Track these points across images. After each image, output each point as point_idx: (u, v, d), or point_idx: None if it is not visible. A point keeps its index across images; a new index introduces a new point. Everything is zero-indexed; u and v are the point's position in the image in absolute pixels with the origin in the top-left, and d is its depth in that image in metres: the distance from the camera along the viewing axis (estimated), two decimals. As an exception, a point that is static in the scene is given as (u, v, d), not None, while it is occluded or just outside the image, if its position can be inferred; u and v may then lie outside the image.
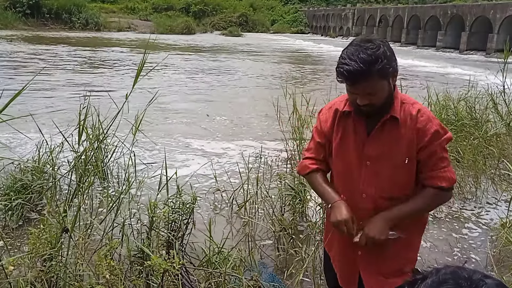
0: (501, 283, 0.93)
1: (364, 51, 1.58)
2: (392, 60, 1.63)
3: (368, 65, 1.57)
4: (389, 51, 1.63)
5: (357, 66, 1.57)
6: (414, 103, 1.77)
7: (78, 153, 2.69)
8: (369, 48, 1.59)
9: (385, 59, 1.59)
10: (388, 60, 1.60)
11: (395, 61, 1.65)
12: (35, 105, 8.68)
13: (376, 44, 1.61)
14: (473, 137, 4.82)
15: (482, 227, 3.83)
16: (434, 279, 0.95)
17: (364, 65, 1.57)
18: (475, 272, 0.94)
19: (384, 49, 1.61)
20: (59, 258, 2.24)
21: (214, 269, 2.50)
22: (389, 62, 1.61)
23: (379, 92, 1.65)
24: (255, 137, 7.00)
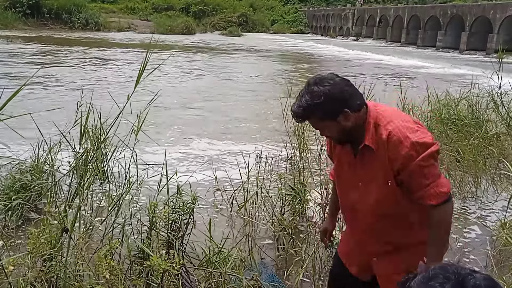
0: (490, 277, 0.95)
1: (306, 95, 1.71)
2: (337, 103, 1.69)
3: (304, 110, 1.71)
4: (336, 95, 1.69)
5: (297, 109, 1.73)
6: (388, 122, 1.73)
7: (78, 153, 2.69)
8: (313, 92, 1.69)
9: (325, 104, 1.68)
10: (330, 105, 1.69)
11: (345, 103, 1.70)
12: (35, 105, 8.68)
13: (321, 89, 1.69)
14: (473, 137, 4.82)
15: (482, 227, 3.83)
16: (424, 275, 0.98)
17: (302, 109, 1.72)
18: (464, 268, 0.96)
19: (330, 93, 1.68)
20: (59, 258, 2.24)
21: (214, 269, 2.50)
22: (331, 107, 1.69)
23: (326, 130, 1.79)
24: (255, 137, 7.00)
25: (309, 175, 4.28)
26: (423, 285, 0.96)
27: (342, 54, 26.98)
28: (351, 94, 1.72)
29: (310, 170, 4.62)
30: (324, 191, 3.55)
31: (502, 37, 25.30)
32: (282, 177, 3.86)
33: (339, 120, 1.72)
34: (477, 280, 0.92)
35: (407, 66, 20.38)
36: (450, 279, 0.93)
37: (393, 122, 1.72)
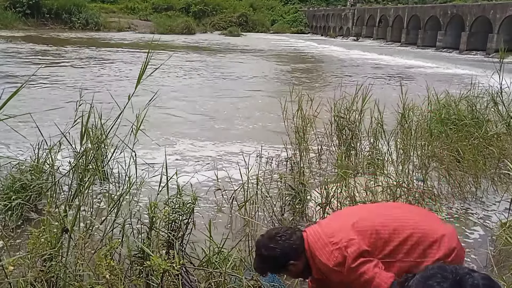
0: (488, 276, 0.95)
1: (257, 258, 2.17)
2: (282, 261, 2.08)
3: (260, 270, 2.23)
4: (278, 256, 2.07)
5: (255, 269, 2.25)
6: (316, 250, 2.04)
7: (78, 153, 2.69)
8: (261, 256, 2.13)
9: (276, 264, 2.12)
10: (277, 264, 2.11)
11: (288, 258, 2.07)
12: (34, 105, 8.68)
13: (268, 253, 2.10)
14: (473, 137, 4.81)
15: (482, 227, 3.83)
16: (423, 274, 0.98)
17: (258, 270, 2.23)
18: (462, 267, 0.97)
19: (274, 256, 2.08)
20: (59, 258, 2.24)
21: (214, 269, 2.50)
22: (279, 265, 2.11)
23: (286, 275, 2.26)
24: (255, 137, 7.00)
25: (309, 175, 4.27)
26: (422, 284, 0.96)
27: (342, 54, 26.97)
28: (291, 247, 2.07)
29: (310, 170, 4.62)
30: (324, 191, 3.55)
31: (502, 37, 25.28)
32: (282, 177, 3.85)
33: (290, 268, 2.11)
34: (475, 280, 0.92)
35: (407, 66, 20.37)
36: (448, 278, 0.93)
37: (316, 253, 2.04)
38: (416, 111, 5.56)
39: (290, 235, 2.10)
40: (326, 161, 5.27)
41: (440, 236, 1.99)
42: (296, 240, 2.09)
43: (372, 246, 1.97)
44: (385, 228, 2.01)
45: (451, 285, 0.93)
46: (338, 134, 5.26)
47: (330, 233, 2.02)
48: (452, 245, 1.98)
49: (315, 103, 5.03)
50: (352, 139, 5.05)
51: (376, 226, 2.02)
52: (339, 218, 2.20)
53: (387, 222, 2.04)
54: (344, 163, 4.21)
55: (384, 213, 2.16)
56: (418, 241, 1.97)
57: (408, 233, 1.98)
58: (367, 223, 2.04)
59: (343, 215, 2.30)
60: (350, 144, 5.02)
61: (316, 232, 2.09)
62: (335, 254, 1.95)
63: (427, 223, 2.07)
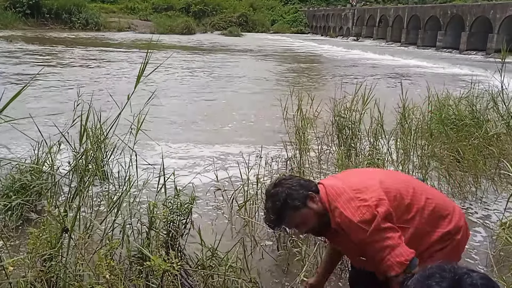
0: (486, 276, 0.95)
1: (269, 201, 1.90)
2: (300, 191, 1.87)
3: (277, 212, 1.87)
4: (295, 186, 1.88)
5: (270, 216, 1.90)
6: (336, 207, 1.85)
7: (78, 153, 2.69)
8: (274, 195, 1.88)
9: (291, 196, 1.86)
10: (295, 195, 1.87)
11: (305, 187, 1.89)
12: (34, 104, 8.68)
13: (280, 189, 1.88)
14: (474, 137, 4.81)
15: (482, 227, 3.83)
16: (422, 274, 0.98)
17: (275, 212, 1.88)
18: (460, 267, 0.97)
19: (291, 186, 1.88)
20: (59, 258, 2.24)
21: (211, 271, 2.50)
22: (296, 196, 1.87)
23: (303, 223, 1.92)
24: (255, 137, 7.00)
25: (309, 175, 4.27)
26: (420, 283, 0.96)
27: (342, 54, 26.98)
28: (305, 182, 1.94)
29: (310, 170, 4.62)
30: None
31: (502, 37, 25.27)
32: (282, 177, 3.84)
33: (309, 205, 1.87)
34: (473, 279, 0.92)
35: (407, 66, 20.37)
36: (446, 277, 0.93)
37: (338, 205, 1.84)
38: (416, 111, 5.56)
39: (300, 178, 1.98)
40: (326, 161, 5.27)
41: (452, 210, 1.97)
42: (311, 183, 1.95)
43: (395, 209, 1.85)
44: (407, 193, 1.90)
45: (450, 285, 0.93)
46: (338, 134, 5.26)
47: (355, 188, 1.86)
48: (461, 222, 1.97)
49: (315, 103, 5.03)
50: (352, 139, 5.05)
51: (400, 189, 1.90)
52: (359, 175, 2.06)
53: (407, 187, 1.94)
54: (344, 163, 4.21)
55: (401, 178, 2.08)
56: (434, 210, 1.92)
57: (425, 201, 1.92)
58: (391, 184, 1.91)
59: (362, 173, 2.18)
60: (350, 144, 5.02)
61: (337, 184, 1.92)
62: (362, 211, 1.78)
63: (440, 195, 2.06)
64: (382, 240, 1.77)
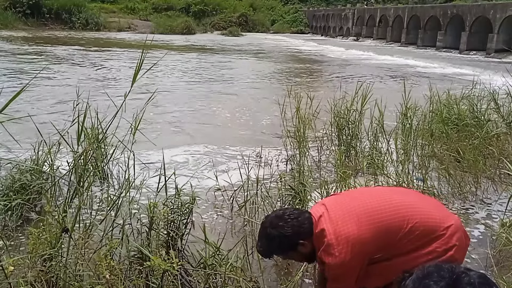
0: (484, 275, 0.95)
1: (263, 239, 2.05)
2: (293, 239, 1.98)
3: (266, 252, 2.09)
4: (289, 234, 1.97)
5: (261, 251, 2.11)
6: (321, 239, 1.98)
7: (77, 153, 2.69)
8: (268, 236, 2.02)
9: (284, 244, 2.00)
10: (286, 243, 1.99)
11: (298, 237, 1.99)
12: (33, 104, 8.68)
13: (275, 233, 1.99)
14: (474, 137, 4.81)
15: (482, 227, 3.83)
16: (419, 273, 0.98)
17: (264, 251, 2.09)
18: (458, 266, 0.97)
19: (283, 234, 1.98)
20: (59, 258, 2.24)
21: (212, 271, 2.50)
22: (288, 243, 2.00)
23: (293, 258, 2.13)
24: (255, 137, 6.99)
25: (309, 175, 4.27)
26: (418, 283, 0.96)
27: (342, 54, 26.97)
28: (301, 225, 2.00)
29: (310, 170, 4.62)
30: (324, 191, 3.54)
31: (502, 37, 25.27)
32: (282, 177, 3.85)
33: (300, 250, 2.02)
34: (471, 278, 0.92)
35: (407, 66, 20.36)
36: (444, 277, 0.93)
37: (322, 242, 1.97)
38: (417, 110, 5.56)
39: (298, 215, 2.05)
40: (326, 161, 5.27)
41: (446, 229, 1.97)
42: (305, 220, 2.03)
43: (378, 242, 1.92)
44: (394, 221, 1.94)
45: (447, 284, 0.93)
46: (338, 134, 5.26)
47: (339, 235, 1.95)
48: (452, 241, 1.96)
49: (315, 103, 5.03)
50: (352, 139, 5.05)
51: (386, 220, 1.94)
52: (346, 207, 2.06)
53: (396, 215, 1.96)
54: (344, 163, 4.21)
55: (393, 203, 2.06)
56: (422, 233, 1.94)
57: (412, 225, 1.94)
58: (375, 217, 1.95)
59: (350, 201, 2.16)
60: (350, 144, 5.02)
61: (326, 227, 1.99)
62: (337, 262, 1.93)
63: (433, 213, 2.03)
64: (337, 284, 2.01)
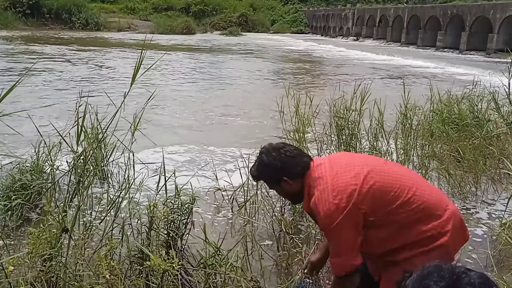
0: (484, 275, 0.95)
1: (256, 163, 2.10)
2: (278, 173, 2.01)
3: (254, 176, 2.14)
4: (276, 166, 2.00)
5: (251, 173, 2.15)
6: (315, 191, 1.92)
7: (77, 153, 2.69)
8: (261, 162, 2.06)
9: (269, 173, 2.05)
10: (272, 174, 2.03)
11: (283, 172, 2.00)
12: (33, 104, 8.67)
13: (266, 160, 2.04)
14: (474, 137, 4.81)
15: (482, 227, 3.83)
16: (419, 273, 0.98)
17: (253, 174, 2.13)
18: (458, 266, 0.97)
19: (272, 164, 2.01)
20: (59, 258, 2.24)
21: (213, 270, 2.50)
22: (273, 175, 2.03)
23: (276, 191, 2.16)
24: (255, 137, 6.99)
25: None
26: (418, 283, 0.96)
27: (342, 54, 26.97)
28: (291, 164, 2.00)
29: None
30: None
31: (502, 37, 25.28)
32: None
33: (282, 185, 2.03)
34: (471, 278, 0.92)
35: (407, 66, 20.37)
36: (444, 277, 0.93)
37: (315, 194, 1.91)
38: (417, 110, 5.56)
39: (295, 155, 2.02)
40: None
41: (443, 211, 1.90)
42: (300, 163, 2.00)
43: (374, 202, 1.85)
44: (393, 186, 1.87)
45: (448, 284, 0.93)
46: (338, 133, 5.26)
47: (336, 172, 1.90)
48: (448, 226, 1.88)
49: (315, 103, 5.02)
50: (351, 139, 5.05)
51: (385, 181, 1.88)
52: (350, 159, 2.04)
53: (396, 180, 1.91)
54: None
55: (394, 170, 2.01)
56: (420, 207, 1.87)
57: (411, 195, 1.88)
58: (377, 176, 1.89)
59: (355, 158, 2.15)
60: (350, 144, 5.02)
61: (324, 167, 1.96)
62: (330, 207, 1.83)
63: (435, 194, 1.98)
64: (333, 239, 1.90)
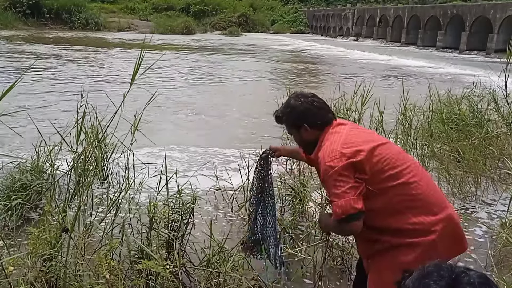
0: (484, 275, 0.95)
1: (284, 105, 2.19)
2: (300, 118, 2.10)
3: (278, 116, 2.22)
4: (301, 111, 2.09)
5: (276, 113, 2.23)
6: (324, 144, 2.00)
7: (77, 153, 2.69)
8: (288, 104, 2.16)
9: (292, 116, 2.13)
10: (294, 117, 2.13)
11: (305, 119, 2.09)
12: (33, 104, 8.68)
13: (293, 103, 2.13)
14: (474, 136, 4.81)
15: (482, 227, 3.83)
16: (419, 272, 0.98)
17: (278, 115, 2.22)
18: (458, 266, 0.97)
19: (297, 108, 2.11)
20: (59, 258, 2.24)
21: (214, 269, 2.50)
22: (295, 119, 2.13)
23: (293, 135, 2.24)
24: (255, 137, 7.00)
25: (309, 175, 4.27)
26: (418, 282, 0.96)
27: (342, 54, 26.98)
28: (315, 114, 2.09)
29: (310, 170, 4.62)
30: (324, 191, 3.54)
31: (502, 37, 25.28)
32: (282, 177, 3.85)
33: (301, 131, 2.12)
34: (471, 278, 0.92)
35: (407, 66, 20.37)
36: (444, 276, 0.94)
37: (325, 144, 1.99)
38: (417, 110, 5.56)
39: (322, 107, 2.11)
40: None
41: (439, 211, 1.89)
42: (324, 116, 2.08)
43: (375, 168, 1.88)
44: (398, 165, 1.91)
45: (447, 284, 0.93)
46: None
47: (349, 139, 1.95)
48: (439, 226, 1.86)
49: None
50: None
51: (393, 157, 1.92)
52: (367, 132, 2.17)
53: (404, 161, 1.94)
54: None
55: (405, 155, 2.05)
56: (419, 196, 1.88)
57: (413, 182, 1.89)
58: (388, 150, 1.93)
59: (371, 133, 2.23)
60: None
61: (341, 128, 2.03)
62: (334, 154, 1.88)
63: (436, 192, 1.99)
64: (334, 186, 1.88)
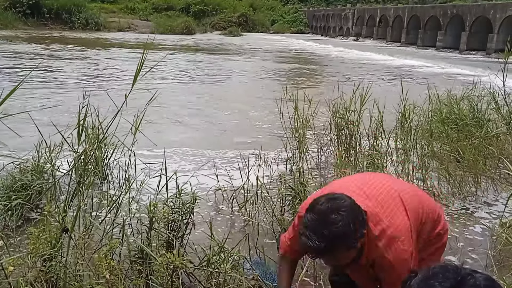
0: (490, 277, 0.95)
1: (328, 227, 1.55)
2: (356, 231, 1.58)
3: (331, 243, 1.56)
4: (353, 221, 1.57)
5: (319, 244, 1.55)
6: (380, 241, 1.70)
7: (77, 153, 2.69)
8: (333, 223, 1.55)
9: (349, 235, 1.56)
10: (352, 235, 1.57)
11: (361, 227, 1.61)
12: (33, 104, 8.68)
13: (341, 215, 1.56)
14: (474, 137, 4.81)
15: (482, 227, 3.83)
16: (424, 274, 0.98)
17: (327, 244, 1.55)
18: (464, 267, 0.96)
19: (348, 220, 1.56)
20: (59, 258, 2.24)
21: (214, 269, 2.50)
22: (353, 236, 1.58)
23: (342, 261, 1.67)
24: (255, 137, 6.99)
25: (309, 175, 4.27)
26: (423, 283, 0.96)
27: (342, 54, 26.97)
28: (361, 216, 1.63)
29: (310, 170, 4.62)
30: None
31: (502, 37, 25.27)
32: (282, 177, 3.85)
33: (357, 246, 1.63)
34: (476, 280, 0.92)
35: (407, 66, 20.36)
36: (449, 278, 0.93)
37: (380, 244, 1.70)
38: (417, 110, 5.56)
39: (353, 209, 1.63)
40: (326, 161, 5.27)
41: (438, 212, 2.03)
42: (361, 212, 1.66)
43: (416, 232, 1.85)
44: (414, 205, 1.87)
45: (452, 285, 0.92)
46: (338, 134, 5.26)
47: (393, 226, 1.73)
48: (447, 224, 2.07)
49: (314, 103, 5.03)
50: (351, 139, 5.05)
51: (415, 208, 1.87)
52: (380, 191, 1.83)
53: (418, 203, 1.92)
54: (343, 163, 4.21)
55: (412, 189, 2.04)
56: (430, 217, 1.96)
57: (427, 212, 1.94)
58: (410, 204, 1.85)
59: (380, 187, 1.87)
60: (350, 144, 5.02)
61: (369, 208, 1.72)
62: (404, 256, 1.70)
63: (428, 198, 2.10)
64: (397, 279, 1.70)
